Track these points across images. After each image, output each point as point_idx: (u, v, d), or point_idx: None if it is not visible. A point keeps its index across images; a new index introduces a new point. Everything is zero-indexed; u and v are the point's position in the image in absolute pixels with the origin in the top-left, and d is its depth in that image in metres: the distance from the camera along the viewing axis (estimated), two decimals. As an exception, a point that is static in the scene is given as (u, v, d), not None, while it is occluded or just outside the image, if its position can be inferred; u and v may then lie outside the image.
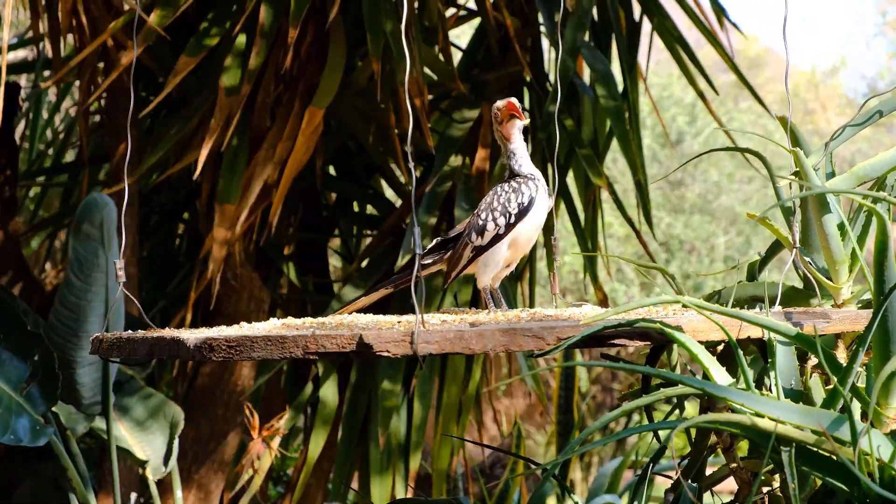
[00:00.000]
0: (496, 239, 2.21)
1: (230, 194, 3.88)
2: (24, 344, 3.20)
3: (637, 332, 1.85)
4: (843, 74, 27.97)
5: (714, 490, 2.37)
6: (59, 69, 4.00)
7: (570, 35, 4.07)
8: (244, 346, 1.71)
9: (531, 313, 2.13)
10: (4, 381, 3.15)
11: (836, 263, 2.17)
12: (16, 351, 3.19)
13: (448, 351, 1.70)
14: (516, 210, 2.20)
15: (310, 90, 4.03)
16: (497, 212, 2.22)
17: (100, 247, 3.11)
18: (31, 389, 3.18)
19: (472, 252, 2.25)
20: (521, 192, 2.21)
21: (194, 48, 3.81)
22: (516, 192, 2.22)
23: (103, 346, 2.01)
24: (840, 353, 2.15)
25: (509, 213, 2.20)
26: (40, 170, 5.65)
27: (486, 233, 2.22)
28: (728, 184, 11.69)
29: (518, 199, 2.20)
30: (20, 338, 3.21)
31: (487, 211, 2.23)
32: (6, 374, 3.15)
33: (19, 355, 3.19)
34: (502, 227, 2.21)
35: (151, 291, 5.08)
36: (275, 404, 4.71)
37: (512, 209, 2.20)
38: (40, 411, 3.20)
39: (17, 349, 3.19)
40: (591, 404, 9.73)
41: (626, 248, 10.40)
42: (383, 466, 4.14)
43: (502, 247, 2.23)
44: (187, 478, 4.15)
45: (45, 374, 3.23)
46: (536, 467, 2.15)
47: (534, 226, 2.24)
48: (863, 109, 2.26)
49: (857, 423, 1.73)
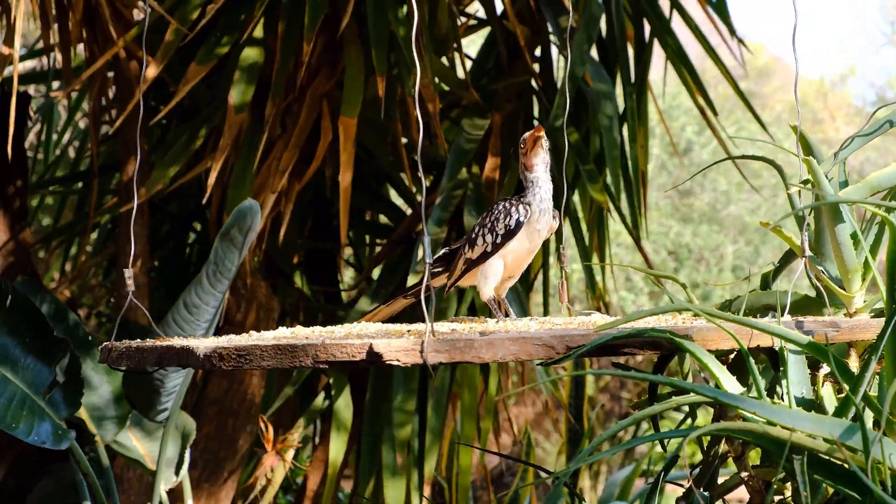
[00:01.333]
0: (485, 255, 2.26)
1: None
2: (49, 350, 3.21)
3: (647, 341, 1.85)
4: (852, 83, 27.93)
5: (725, 499, 2.36)
6: (69, 80, 4.01)
7: (578, 45, 4.07)
8: (254, 355, 1.71)
9: (541, 322, 2.13)
10: (28, 386, 3.16)
11: (849, 272, 2.16)
12: (40, 356, 3.20)
13: (458, 360, 1.70)
14: (503, 231, 2.24)
15: (319, 99, 4.04)
16: (486, 228, 2.26)
17: (237, 253, 3.10)
18: (55, 394, 3.20)
19: (465, 264, 2.30)
20: (510, 214, 2.25)
21: (204, 57, 3.82)
22: (507, 212, 2.25)
23: (112, 355, 2.01)
24: (852, 361, 2.14)
25: (496, 233, 2.25)
26: (52, 179, 5.66)
27: (476, 247, 2.27)
28: (737, 193, 11.68)
29: (506, 221, 2.24)
30: (46, 343, 3.22)
31: (480, 227, 2.28)
32: (30, 379, 3.16)
33: (44, 360, 3.20)
34: (489, 245, 2.26)
35: (163, 300, 5.08)
36: (283, 415, 4.71)
37: (499, 229, 2.24)
38: (62, 416, 3.21)
39: (42, 354, 3.20)
40: (600, 413, 9.71)
41: (636, 257, 10.38)
42: (397, 474, 4.14)
43: (495, 261, 2.27)
44: (197, 487, 4.15)
45: (70, 380, 3.24)
46: (547, 476, 2.15)
47: (523, 247, 2.27)
48: (872, 119, 2.26)
49: (869, 431, 1.72)
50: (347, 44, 3.90)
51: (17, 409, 3.13)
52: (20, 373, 3.19)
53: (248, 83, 3.85)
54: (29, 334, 3.24)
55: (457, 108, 4.77)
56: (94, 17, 3.90)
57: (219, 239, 3.08)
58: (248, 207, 3.02)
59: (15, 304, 3.24)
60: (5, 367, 3.18)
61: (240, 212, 3.03)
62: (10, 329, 3.25)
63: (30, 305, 3.28)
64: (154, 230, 5.14)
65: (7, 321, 3.25)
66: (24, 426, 3.11)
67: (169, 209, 5.09)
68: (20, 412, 3.13)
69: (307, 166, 4.06)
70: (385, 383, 4.25)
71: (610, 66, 4.54)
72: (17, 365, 3.21)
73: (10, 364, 3.20)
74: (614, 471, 8.05)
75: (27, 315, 3.29)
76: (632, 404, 2.44)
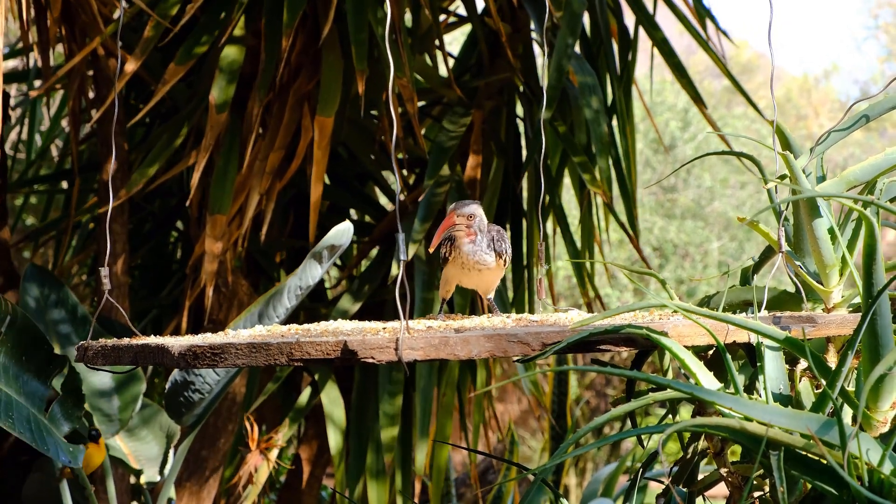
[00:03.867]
0: (444, 260, 2.32)
1: (221, 204, 3.88)
2: (44, 367, 3.17)
3: (623, 337, 1.84)
4: (836, 79, 28.01)
5: (708, 495, 2.36)
6: (48, 78, 3.99)
7: (561, 40, 4.07)
8: (228, 353, 1.70)
9: (517, 319, 2.12)
10: (31, 404, 3.11)
11: (827, 267, 2.16)
12: (37, 373, 3.16)
13: (433, 357, 1.69)
14: (443, 256, 2.31)
15: (300, 99, 4.03)
16: (445, 241, 2.31)
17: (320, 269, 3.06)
18: (53, 409, 3.17)
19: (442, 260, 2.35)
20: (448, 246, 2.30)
21: (184, 57, 3.81)
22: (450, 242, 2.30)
23: (89, 354, 2.00)
24: (831, 356, 2.14)
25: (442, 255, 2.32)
26: (32, 178, 5.64)
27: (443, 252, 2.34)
28: (721, 189, 11.70)
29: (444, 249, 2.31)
30: (41, 361, 3.18)
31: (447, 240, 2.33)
32: (31, 397, 3.12)
33: (40, 377, 3.16)
34: (442, 258, 2.33)
35: (146, 299, 5.07)
36: (265, 411, 4.70)
37: (442, 252, 2.31)
38: (63, 431, 3.17)
39: (39, 371, 3.16)
40: (584, 409, 9.73)
41: (619, 254, 10.40)
42: (381, 473, 4.14)
43: (447, 271, 2.34)
44: (179, 486, 4.14)
45: (68, 395, 3.21)
46: (528, 471, 2.14)
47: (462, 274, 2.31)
48: (850, 113, 2.26)
49: (846, 426, 1.72)
50: (326, 42, 3.89)
51: (37, 429, 3.08)
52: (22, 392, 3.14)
53: (229, 82, 3.84)
54: (26, 353, 3.17)
55: (438, 106, 4.76)
56: (72, 16, 3.88)
57: (309, 258, 3.05)
58: (343, 230, 2.98)
59: (14, 320, 3.17)
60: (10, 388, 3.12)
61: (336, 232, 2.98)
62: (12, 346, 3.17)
63: (26, 321, 3.22)
64: (135, 229, 5.13)
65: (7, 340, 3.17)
66: (50, 445, 3.06)
67: (150, 208, 5.08)
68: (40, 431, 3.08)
69: (288, 165, 4.05)
70: (370, 381, 4.24)
71: (594, 60, 4.54)
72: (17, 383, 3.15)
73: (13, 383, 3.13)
74: (600, 468, 8.06)
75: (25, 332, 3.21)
76: (613, 400, 2.45)
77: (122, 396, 3.63)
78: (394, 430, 4.12)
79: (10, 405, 3.00)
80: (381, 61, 4.08)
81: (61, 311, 3.70)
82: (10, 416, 2.95)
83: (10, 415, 2.96)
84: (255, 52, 4.02)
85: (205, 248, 3.83)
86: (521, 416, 9.80)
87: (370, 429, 4.22)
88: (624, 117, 4.50)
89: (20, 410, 3.02)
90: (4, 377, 3.05)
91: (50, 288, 3.69)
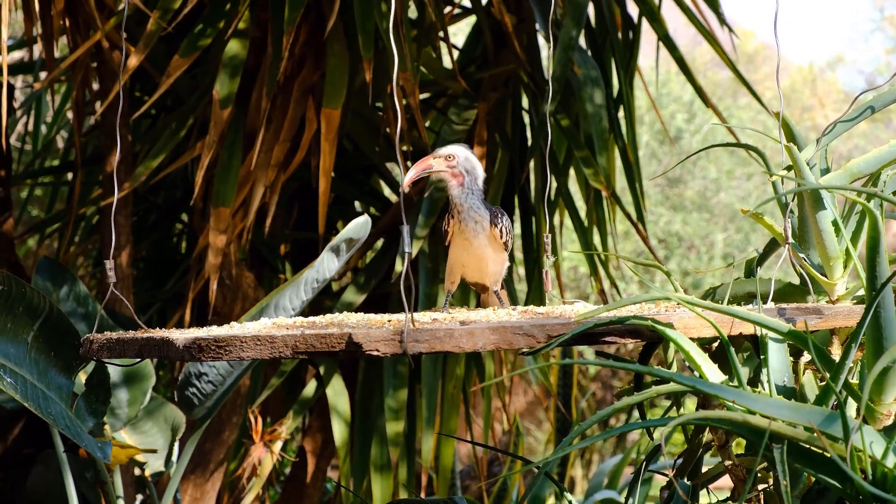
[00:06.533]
0: (445, 235, 2.31)
1: (225, 197, 3.88)
2: (70, 362, 3.16)
3: (628, 329, 1.84)
4: (841, 70, 27.94)
5: (712, 487, 2.36)
6: (52, 70, 3.99)
7: (566, 32, 4.06)
8: (233, 345, 1.70)
9: (523, 311, 2.12)
10: (60, 399, 3.10)
11: (831, 260, 2.16)
12: (64, 368, 3.15)
13: (438, 350, 1.69)
14: (444, 230, 2.31)
15: (305, 92, 4.02)
16: (446, 215, 2.30)
17: (336, 261, 3.04)
18: (79, 404, 3.16)
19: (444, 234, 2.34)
20: (447, 219, 2.29)
21: (188, 49, 3.81)
22: (448, 214, 2.29)
23: (93, 347, 2.00)
24: (835, 349, 2.14)
25: (443, 230, 2.31)
26: (38, 170, 5.64)
27: None
28: (727, 181, 11.68)
29: (444, 223, 2.31)
30: (68, 356, 3.17)
31: None
32: (59, 392, 3.10)
33: (66, 372, 3.15)
34: (443, 233, 2.32)
35: (150, 291, 5.07)
36: (270, 403, 4.71)
37: (443, 227, 2.31)
38: (88, 426, 3.16)
39: (66, 366, 3.15)
40: (591, 401, 9.72)
41: (625, 246, 10.39)
42: (386, 466, 4.15)
43: (451, 253, 2.32)
44: (183, 478, 4.14)
45: (93, 389, 3.20)
46: (531, 464, 2.14)
47: (465, 250, 2.29)
48: (855, 104, 2.25)
49: (849, 419, 1.72)
50: (331, 34, 3.89)
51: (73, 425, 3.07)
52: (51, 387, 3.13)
53: (233, 76, 3.83)
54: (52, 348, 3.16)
55: (443, 98, 4.76)
56: (76, 8, 3.88)
57: (327, 251, 3.03)
58: (361, 223, 2.96)
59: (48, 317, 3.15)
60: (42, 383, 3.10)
61: (355, 226, 2.97)
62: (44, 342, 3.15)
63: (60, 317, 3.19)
64: (140, 221, 5.13)
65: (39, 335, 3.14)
66: (87, 441, 3.06)
67: (155, 199, 5.08)
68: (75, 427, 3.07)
69: (292, 158, 4.05)
70: (375, 373, 4.24)
71: (599, 52, 4.53)
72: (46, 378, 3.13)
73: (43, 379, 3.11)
74: (606, 460, 8.06)
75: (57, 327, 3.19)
76: (617, 392, 2.45)
77: (130, 391, 3.62)
78: (399, 423, 4.13)
79: (47, 401, 2.99)
80: (384, 53, 4.07)
81: (73, 303, 3.70)
82: (49, 413, 2.94)
83: (50, 411, 2.95)
84: (258, 45, 4.02)
85: (209, 240, 3.83)
86: (527, 408, 9.81)
87: (375, 421, 4.23)
88: (628, 108, 4.50)
89: (55, 406, 3.02)
90: (38, 373, 3.05)
91: (63, 281, 3.68)
